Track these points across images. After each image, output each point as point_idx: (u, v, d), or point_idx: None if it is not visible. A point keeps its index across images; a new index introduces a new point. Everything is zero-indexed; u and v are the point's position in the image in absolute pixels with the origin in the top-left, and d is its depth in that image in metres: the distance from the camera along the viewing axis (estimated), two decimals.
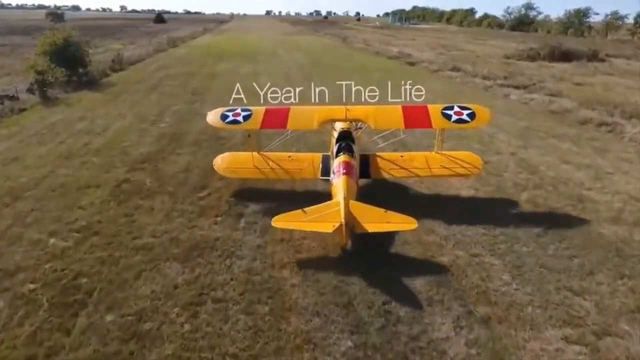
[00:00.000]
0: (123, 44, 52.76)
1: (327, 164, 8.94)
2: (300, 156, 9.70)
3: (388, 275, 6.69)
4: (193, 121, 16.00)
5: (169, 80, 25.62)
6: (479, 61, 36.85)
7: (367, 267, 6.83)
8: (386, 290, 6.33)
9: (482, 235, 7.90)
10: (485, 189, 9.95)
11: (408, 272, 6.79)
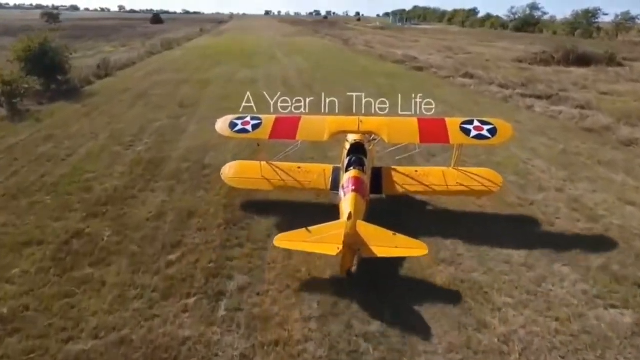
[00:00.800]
0: (115, 46, 50.58)
1: (338, 177, 8.47)
2: (310, 167, 9.24)
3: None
4: (176, 142, 13.79)
5: (157, 88, 23.40)
6: (491, 66, 34.68)
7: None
8: None
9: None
10: (540, 249, 7.67)
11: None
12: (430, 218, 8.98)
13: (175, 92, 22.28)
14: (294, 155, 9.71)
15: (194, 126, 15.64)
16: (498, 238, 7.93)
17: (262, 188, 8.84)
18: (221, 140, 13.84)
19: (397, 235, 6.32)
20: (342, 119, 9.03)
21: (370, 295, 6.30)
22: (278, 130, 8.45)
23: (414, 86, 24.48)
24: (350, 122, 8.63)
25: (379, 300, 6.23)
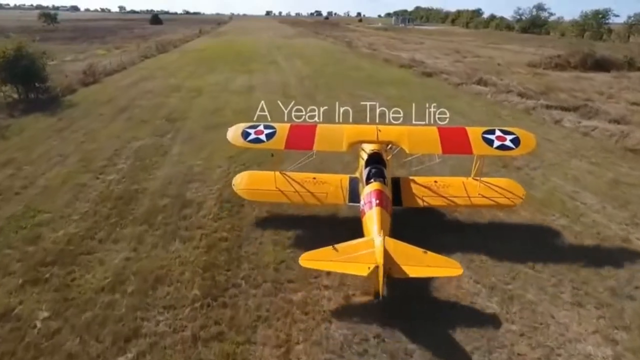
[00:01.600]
0: (108, 49, 48.57)
1: (356, 188, 8.24)
2: (326, 178, 8.80)
3: None
4: (155, 168, 11.75)
5: (144, 98, 21.37)
6: (504, 70, 32.64)
7: None
8: None
9: None
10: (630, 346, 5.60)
11: None
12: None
13: (163, 103, 20.23)
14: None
15: (179, 147, 13.59)
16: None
17: (276, 200, 8.48)
18: (208, 166, 11.91)
19: (428, 253, 5.95)
20: (360, 128, 8.71)
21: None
22: (294, 139, 8.02)
23: (426, 95, 22.42)
24: (368, 131, 8.27)
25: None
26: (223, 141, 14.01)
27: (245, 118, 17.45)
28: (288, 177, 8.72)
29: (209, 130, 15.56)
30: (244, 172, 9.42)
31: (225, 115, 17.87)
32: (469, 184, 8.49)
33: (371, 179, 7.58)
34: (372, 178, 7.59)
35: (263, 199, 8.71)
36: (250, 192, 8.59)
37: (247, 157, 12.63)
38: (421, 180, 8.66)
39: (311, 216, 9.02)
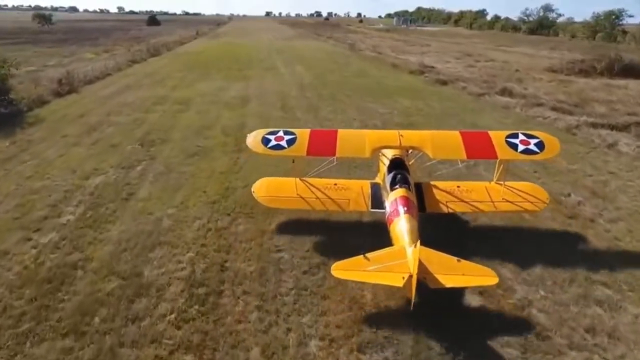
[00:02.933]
0: (97, 52, 45.69)
1: (378, 194, 8.10)
2: (347, 183, 8.56)
3: None
4: (110, 222, 8.83)
5: (123, 112, 18.48)
6: (524, 77, 29.76)
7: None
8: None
9: None
10: None
11: None
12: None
13: (142, 119, 17.32)
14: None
15: (148, 187, 10.66)
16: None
17: (298, 207, 8.24)
18: (182, 217, 9.06)
19: (462, 262, 5.82)
20: (382, 133, 8.78)
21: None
22: (315, 146, 7.89)
23: (446, 108, 19.56)
24: (390, 136, 8.20)
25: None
26: (206, 176, 11.34)
27: (235, 141, 14.93)
28: (308, 183, 8.44)
29: (190, 159, 12.68)
30: (263, 179, 9.05)
31: (212, 136, 15.00)
32: (492, 188, 8.29)
33: (396, 184, 7.43)
34: (397, 184, 7.43)
35: (284, 206, 8.49)
36: (271, 199, 8.39)
37: (234, 201, 9.79)
38: (443, 185, 8.43)
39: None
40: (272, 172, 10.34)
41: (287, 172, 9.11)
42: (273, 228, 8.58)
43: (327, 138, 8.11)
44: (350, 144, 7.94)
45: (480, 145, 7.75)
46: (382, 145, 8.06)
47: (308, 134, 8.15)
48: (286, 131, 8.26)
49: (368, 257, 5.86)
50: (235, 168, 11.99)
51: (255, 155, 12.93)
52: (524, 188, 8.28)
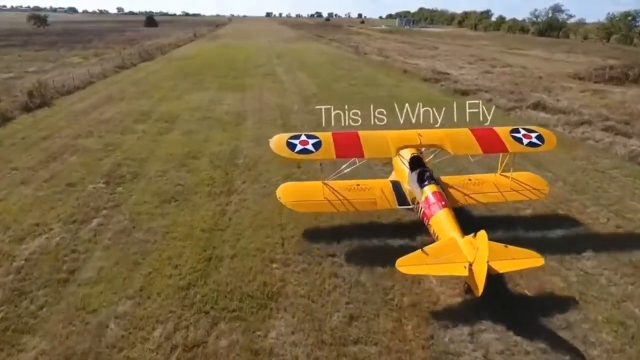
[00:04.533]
0: (86, 56, 42.84)
1: (400, 191, 8.55)
2: (368, 184, 8.79)
3: None
4: (28, 333, 5.94)
5: (95, 133, 15.61)
6: (551, 86, 26.89)
7: None
8: None
9: None
10: None
11: None
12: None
13: (115, 144, 14.43)
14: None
15: (99, 258, 7.74)
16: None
17: (326, 210, 8.33)
18: (137, 323, 6.12)
19: (509, 247, 6.30)
20: (402, 133, 8.72)
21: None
22: (342, 148, 7.97)
23: None
24: (410, 136, 8.49)
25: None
26: (182, 236, 8.37)
27: (225, 176, 11.53)
28: (332, 186, 8.49)
29: (165, 205, 9.80)
30: (286, 184, 9.09)
31: (197, 169, 12.12)
32: (498, 180, 8.95)
33: (425, 181, 7.83)
34: (426, 180, 7.83)
35: (312, 210, 8.51)
36: (299, 204, 8.31)
37: (217, 285, 6.94)
38: (456, 180, 8.97)
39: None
40: (269, 220, 8.78)
41: (281, 209, 8.63)
42: (271, 343, 5.73)
43: (351, 140, 8.12)
44: (375, 145, 8.10)
45: (490, 140, 8.37)
46: (404, 144, 8.36)
47: (331, 136, 8.13)
48: (308, 135, 8.20)
49: (426, 251, 6.24)
50: (223, 221, 9.12)
51: (248, 200, 10.38)
52: (526, 178, 8.99)
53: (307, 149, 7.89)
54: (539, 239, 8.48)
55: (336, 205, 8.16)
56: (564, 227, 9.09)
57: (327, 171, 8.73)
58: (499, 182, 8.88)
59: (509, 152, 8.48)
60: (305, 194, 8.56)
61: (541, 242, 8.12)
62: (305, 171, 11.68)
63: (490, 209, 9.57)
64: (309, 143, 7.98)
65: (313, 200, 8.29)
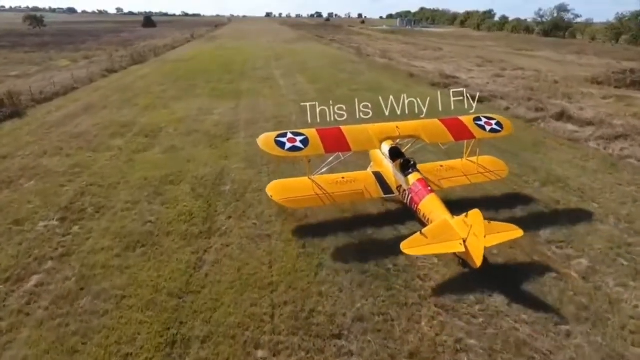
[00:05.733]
0: (75, 59, 40.88)
1: (384, 181, 8.96)
2: (353, 176, 9.18)
3: None
4: None
5: (61, 152, 13.61)
6: (568, 91, 24.88)
7: None
8: None
9: None
10: None
11: None
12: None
13: (84, 164, 12.46)
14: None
15: (25, 340, 5.77)
16: None
17: (318, 204, 8.58)
18: None
19: (492, 223, 7.02)
20: (382, 126, 9.26)
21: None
22: (330, 143, 8.34)
23: (502, 146, 14.62)
24: (389, 128, 9.15)
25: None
26: (141, 305, 6.39)
27: (207, 208, 9.52)
28: (320, 181, 8.72)
29: (127, 254, 7.83)
30: (275, 182, 9.01)
31: (175, 200, 10.14)
32: (466, 164, 9.78)
33: (409, 169, 8.43)
34: (410, 169, 8.44)
35: (304, 205, 8.72)
36: (291, 201, 8.45)
37: None
38: (430, 167, 9.60)
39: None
40: (257, 277, 7.11)
41: (271, 260, 7.52)
42: None
43: (336, 135, 8.47)
44: (358, 139, 8.50)
45: (459, 129, 9.30)
46: (385, 136, 8.93)
47: (316, 133, 8.43)
48: (294, 132, 8.42)
49: (425, 234, 6.80)
50: (197, 279, 7.15)
51: (232, 246, 8.13)
52: (489, 162, 9.94)
53: (296, 146, 8.14)
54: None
55: (327, 199, 8.42)
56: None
57: (303, 168, 8.86)
58: (466, 166, 9.77)
59: (476, 138, 9.40)
60: (295, 190, 8.61)
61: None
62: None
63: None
64: (297, 140, 8.22)
65: (304, 195, 8.44)
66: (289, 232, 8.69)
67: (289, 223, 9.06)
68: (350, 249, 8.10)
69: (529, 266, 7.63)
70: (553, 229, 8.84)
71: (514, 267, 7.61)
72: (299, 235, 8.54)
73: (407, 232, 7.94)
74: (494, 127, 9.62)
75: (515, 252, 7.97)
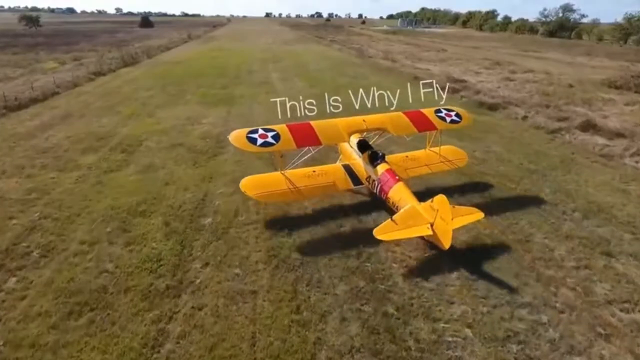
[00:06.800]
0: (63, 60, 39.02)
1: (353, 173, 9.36)
2: (324, 169, 9.45)
3: None
4: None
5: (21, 172, 11.80)
6: (586, 96, 23.10)
7: None
8: None
9: None
10: None
11: None
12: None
13: (43, 189, 10.65)
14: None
15: None
16: None
17: (292, 199, 8.94)
18: None
19: (456, 207, 7.45)
20: (350, 120, 9.48)
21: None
22: (301, 138, 8.46)
23: (517, 158, 12.86)
24: (357, 122, 9.41)
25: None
26: None
27: (180, 252, 7.81)
28: (292, 175, 8.87)
29: (65, 325, 6.05)
30: (248, 177, 9.02)
31: (141, 239, 8.33)
32: (429, 154, 10.28)
33: (377, 160, 8.82)
34: (378, 160, 8.83)
35: (279, 200, 8.89)
36: (265, 195, 8.57)
37: None
38: (396, 158, 10.06)
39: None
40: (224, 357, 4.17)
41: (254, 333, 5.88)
42: None
43: (305, 130, 8.67)
44: (328, 133, 8.81)
45: (422, 121, 9.77)
46: (353, 130, 9.28)
47: (287, 128, 8.62)
48: (265, 128, 8.54)
49: (395, 220, 7.20)
50: None
51: (205, 309, 6.08)
52: (450, 151, 10.52)
53: (268, 141, 8.19)
54: None
55: (300, 193, 8.60)
56: None
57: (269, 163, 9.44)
58: (430, 156, 10.25)
59: (438, 129, 9.83)
60: (268, 185, 8.71)
61: None
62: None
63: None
64: (268, 136, 8.30)
65: (277, 190, 8.56)
66: (281, 285, 6.91)
67: (281, 270, 7.29)
68: (359, 314, 6.32)
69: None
70: (611, 283, 7.07)
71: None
72: (293, 289, 6.77)
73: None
74: (453, 118, 10.09)
75: (572, 327, 6.19)
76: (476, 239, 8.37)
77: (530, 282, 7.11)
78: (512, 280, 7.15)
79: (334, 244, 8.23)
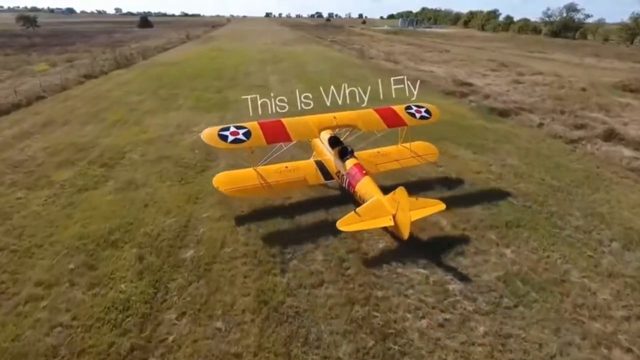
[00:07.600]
0: (54, 62, 37.75)
1: (324, 168, 9.59)
2: (296, 165, 9.74)
3: None
4: None
5: None
6: (601, 101, 21.85)
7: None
8: None
9: None
10: None
11: None
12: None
13: (5, 212, 9.41)
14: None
15: None
16: None
17: (264, 194, 9.15)
18: None
19: (418, 199, 7.75)
20: (320, 117, 9.61)
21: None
22: (271, 134, 8.58)
23: (558, 187, 11.52)
24: (328, 119, 9.53)
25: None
26: None
27: (149, 298, 6.56)
28: (264, 171, 9.08)
29: None
30: (221, 174, 9.27)
31: (108, 278, 7.07)
32: (400, 150, 10.50)
33: (346, 155, 9.07)
34: (347, 155, 9.07)
35: (250, 195, 9.01)
36: (237, 191, 8.69)
37: None
38: (368, 154, 10.28)
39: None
40: None
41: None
42: None
43: (276, 127, 8.78)
44: (299, 129, 8.92)
45: (392, 117, 9.91)
46: (324, 126, 9.39)
47: (258, 125, 8.74)
48: (237, 125, 8.65)
49: (358, 212, 7.41)
50: None
51: None
52: (421, 147, 10.70)
53: (238, 138, 8.31)
54: None
55: (271, 188, 8.79)
56: None
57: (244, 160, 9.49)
58: (401, 152, 10.42)
59: (408, 125, 10.03)
60: (241, 181, 8.87)
61: None
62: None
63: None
64: (240, 133, 8.41)
65: (249, 185, 8.73)
66: (271, 345, 5.65)
67: (272, 323, 6.04)
68: None
69: None
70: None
71: None
72: (286, 351, 5.52)
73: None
74: (423, 114, 10.22)
75: None
76: (505, 280, 7.10)
77: (576, 340, 5.85)
78: (552, 338, 5.89)
79: (336, 285, 6.97)
